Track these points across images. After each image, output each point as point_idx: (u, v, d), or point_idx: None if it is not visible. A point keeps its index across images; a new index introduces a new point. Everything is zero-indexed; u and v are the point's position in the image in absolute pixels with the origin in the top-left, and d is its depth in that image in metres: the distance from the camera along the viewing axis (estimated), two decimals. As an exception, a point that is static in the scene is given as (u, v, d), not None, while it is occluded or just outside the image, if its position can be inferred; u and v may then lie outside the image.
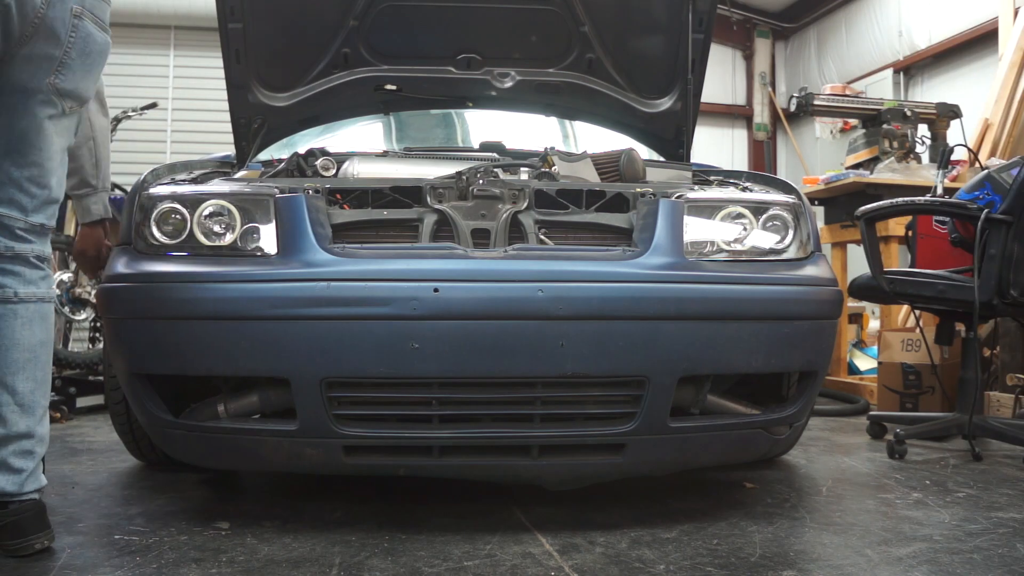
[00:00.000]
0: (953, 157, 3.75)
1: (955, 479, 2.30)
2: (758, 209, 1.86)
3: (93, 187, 1.93)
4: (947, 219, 3.17)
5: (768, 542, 1.68)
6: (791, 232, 1.86)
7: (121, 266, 1.73)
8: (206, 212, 1.75)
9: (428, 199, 1.87)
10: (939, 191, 3.32)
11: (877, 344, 3.87)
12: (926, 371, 3.37)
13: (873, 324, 5.11)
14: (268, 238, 1.73)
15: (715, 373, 1.76)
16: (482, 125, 3.14)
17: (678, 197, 1.84)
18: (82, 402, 3.51)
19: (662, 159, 2.95)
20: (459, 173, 1.95)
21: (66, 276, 4.00)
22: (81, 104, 1.65)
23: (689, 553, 1.59)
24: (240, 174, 2.33)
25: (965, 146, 3.47)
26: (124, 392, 1.83)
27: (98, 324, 4.17)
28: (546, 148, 2.39)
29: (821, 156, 7.58)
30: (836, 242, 4.34)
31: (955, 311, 2.76)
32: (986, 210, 2.53)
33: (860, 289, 2.93)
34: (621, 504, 2.00)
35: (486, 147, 2.66)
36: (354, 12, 2.48)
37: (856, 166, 4.31)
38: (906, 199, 2.89)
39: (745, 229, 1.84)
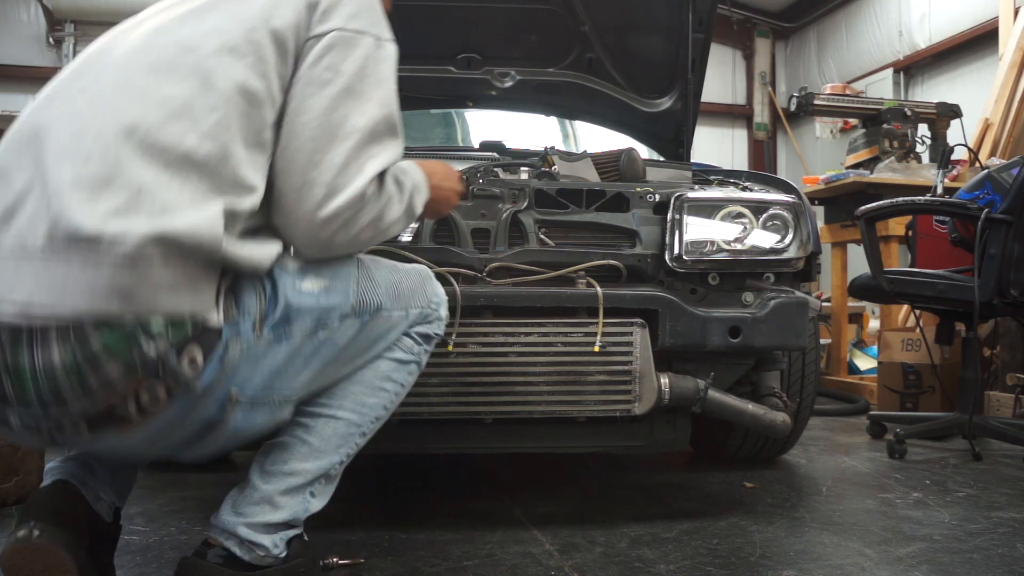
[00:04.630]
0: (953, 157, 3.75)
1: (955, 479, 2.30)
2: (758, 208, 1.86)
3: None
4: (947, 219, 3.17)
5: (768, 542, 1.68)
6: (791, 232, 1.86)
7: None
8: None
9: (428, 198, 1.86)
10: (939, 191, 3.31)
11: (877, 344, 3.87)
12: (926, 371, 3.37)
13: (873, 324, 5.11)
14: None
15: None
16: (482, 125, 3.14)
17: (678, 196, 1.84)
18: (82, 402, 3.50)
19: (662, 159, 2.95)
20: (459, 172, 1.95)
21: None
22: None
23: (689, 553, 1.59)
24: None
25: (965, 146, 3.47)
26: None
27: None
28: (546, 148, 2.39)
29: (821, 156, 7.58)
30: (836, 242, 4.34)
31: (955, 311, 2.76)
32: (986, 210, 2.52)
33: (860, 289, 2.93)
34: (621, 504, 2.00)
35: (486, 147, 2.66)
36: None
37: (856, 166, 4.31)
38: (906, 199, 2.89)
39: (745, 229, 1.84)
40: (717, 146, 8.38)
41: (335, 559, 1.48)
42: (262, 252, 1.12)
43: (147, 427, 1.06)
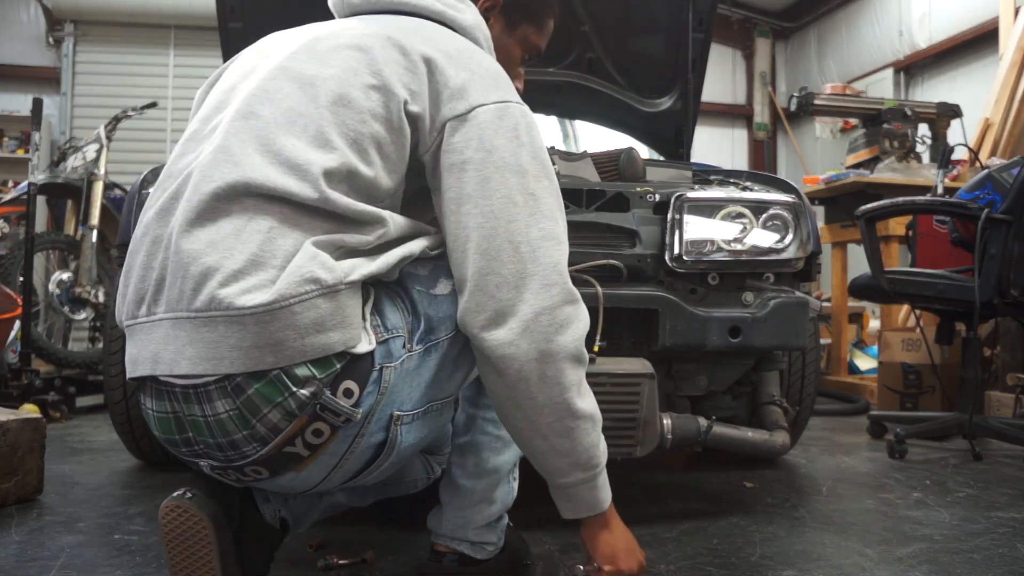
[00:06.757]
0: (953, 157, 3.75)
1: (955, 479, 2.30)
2: (758, 208, 1.86)
3: None
4: (947, 219, 3.17)
5: (768, 542, 1.67)
6: (791, 231, 1.86)
7: None
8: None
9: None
10: (939, 191, 3.32)
11: (877, 344, 3.87)
12: (926, 371, 3.37)
13: (873, 324, 5.11)
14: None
15: None
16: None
17: (678, 196, 1.84)
18: (82, 402, 3.51)
19: (662, 158, 2.95)
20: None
21: (66, 276, 4.00)
22: None
23: (689, 553, 1.59)
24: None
25: (965, 146, 3.48)
26: None
27: (98, 324, 4.17)
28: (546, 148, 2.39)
29: (821, 156, 7.58)
30: (836, 242, 4.34)
31: (955, 311, 2.76)
32: (986, 210, 2.53)
33: (860, 289, 2.93)
34: (621, 504, 1.99)
35: (486, 147, 2.66)
36: (354, 12, 2.48)
37: (856, 166, 4.31)
38: (906, 199, 2.89)
39: (745, 228, 1.84)
40: (717, 146, 8.37)
41: (335, 559, 1.48)
42: (393, 257, 1.11)
43: (319, 462, 1.08)
